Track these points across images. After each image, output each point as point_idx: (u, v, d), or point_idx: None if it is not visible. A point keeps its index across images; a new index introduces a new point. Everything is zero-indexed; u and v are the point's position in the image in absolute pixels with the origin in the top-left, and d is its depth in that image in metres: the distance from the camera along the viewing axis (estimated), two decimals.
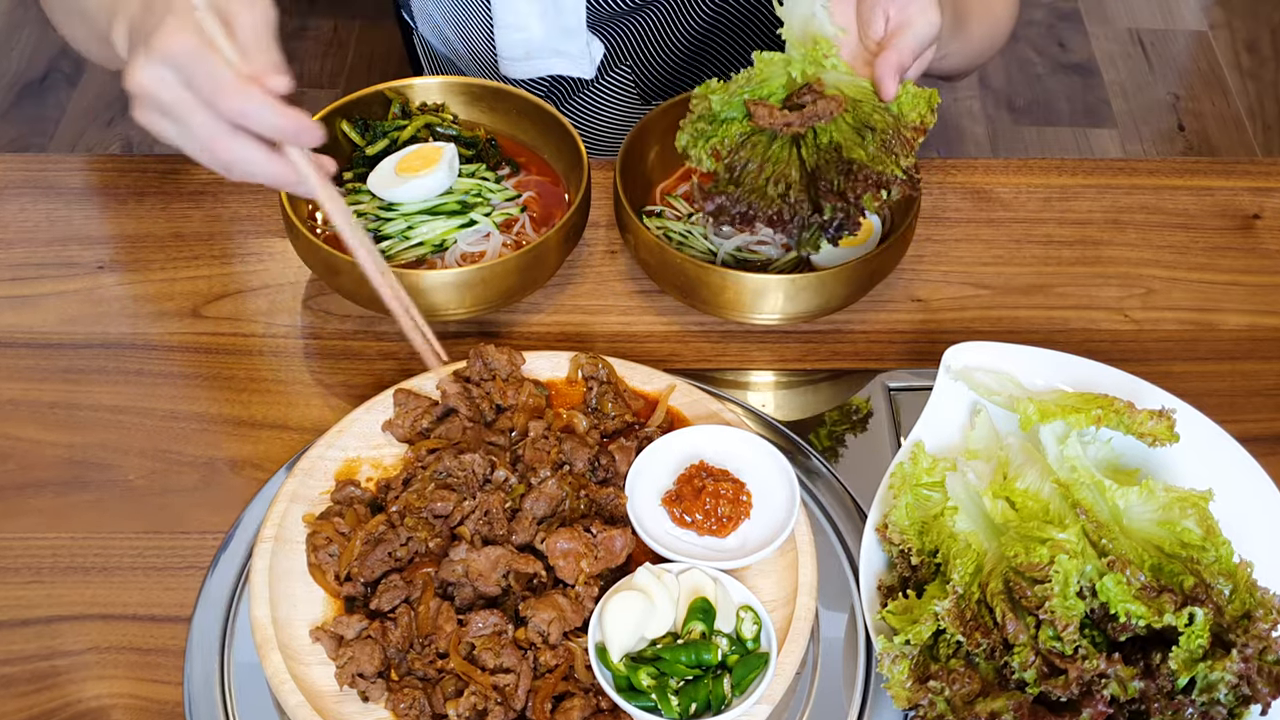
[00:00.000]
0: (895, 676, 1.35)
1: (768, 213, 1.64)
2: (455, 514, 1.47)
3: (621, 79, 2.25)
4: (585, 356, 1.62)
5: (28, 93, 4.40)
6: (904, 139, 1.65)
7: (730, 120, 1.70)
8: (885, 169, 1.62)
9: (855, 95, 1.68)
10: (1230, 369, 1.80)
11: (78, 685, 1.46)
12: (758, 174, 1.66)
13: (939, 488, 1.48)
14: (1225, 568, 1.36)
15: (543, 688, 1.36)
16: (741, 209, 1.64)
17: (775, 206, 1.63)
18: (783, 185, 1.64)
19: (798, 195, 1.63)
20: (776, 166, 1.66)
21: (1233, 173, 2.08)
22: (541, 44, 2.15)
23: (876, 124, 1.66)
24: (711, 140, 1.69)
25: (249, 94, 1.37)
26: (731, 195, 1.65)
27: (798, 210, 1.62)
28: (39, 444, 1.67)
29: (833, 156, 1.64)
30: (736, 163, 1.67)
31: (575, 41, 2.14)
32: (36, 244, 1.91)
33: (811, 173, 1.64)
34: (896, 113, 1.66)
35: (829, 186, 1.62)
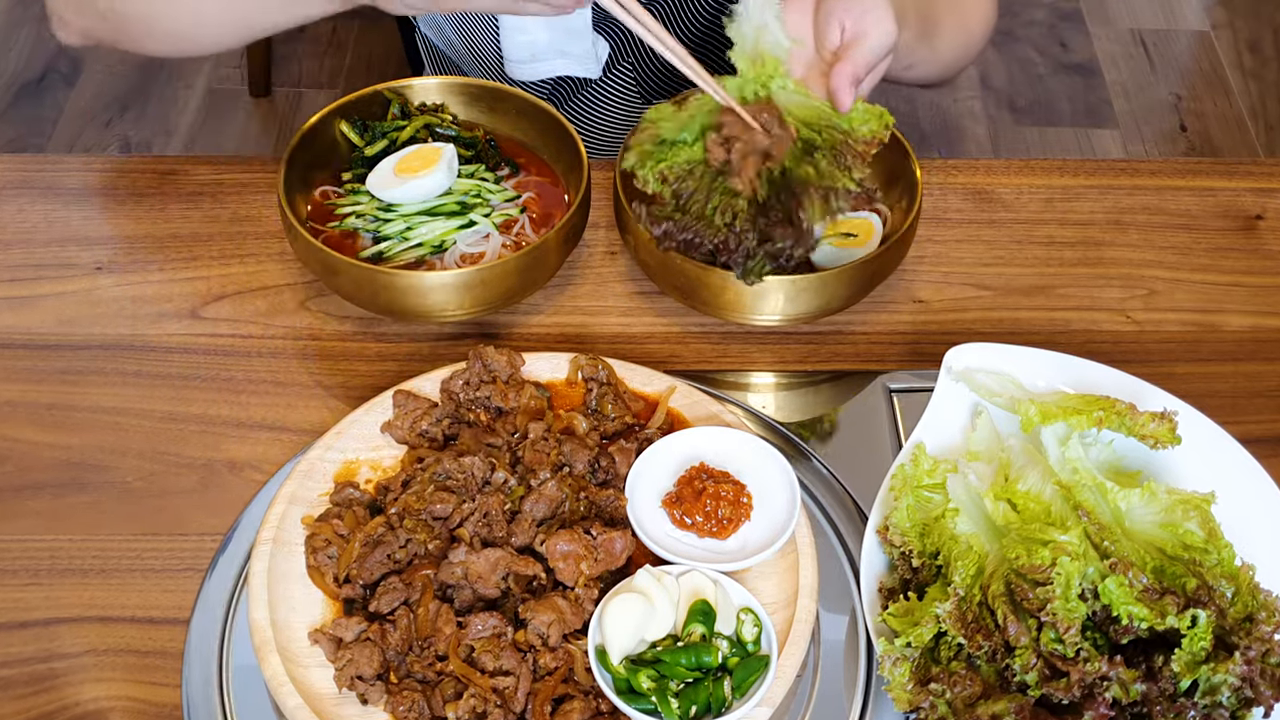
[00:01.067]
0: (896, 679, 1.34)
1: (713, 241, 1.65)
2: (455, 516, 1.47)
3: (623, 78, 2.25)
4: (585, 358, 1.62)
5: (25, 93, 4.40)
6: (856, 152, 1.64)
7: (679, 144, 1.70)
8: (836, 183, 1.63)
9: (804, 115, 1.68)
10: (1233, 370, 1.80)
11: (75, 688, 1.46)
12: (704, 203, 1.66)
13: (940, 489, 1.48)
14: (1227, 570, 1.36)
15: (542, 690, 1.35)
16: (688, 236, 1.66)
17: (721, 235, 1.64)
18: (729, 214, 1.65)
19: (743, 225, 1.64)
20: (723, 196, 1.66)
21: (1235, 173, 2.08)
22: (547, 45, 2.14)
23: (826, 141, 1.66)
24: (660, 164, 1.69)
25: None
26: (679, 222, 1.66)
27: (743, 240, 1.63)
28: (36, 445, 1.67)
29: (779, 182, 1.65)
30: (683, 190, 1.68)
31: (581, 42, 2.14)
32: (34, 245, 1.90)
33: (761, 203, 1.64)
34: (847, 128, 1.67)
35: (778, 216, 1.63)
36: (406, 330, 1.79)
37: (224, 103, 4.38)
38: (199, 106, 4.34)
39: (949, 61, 1.94)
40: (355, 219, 1.80)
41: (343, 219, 1.81)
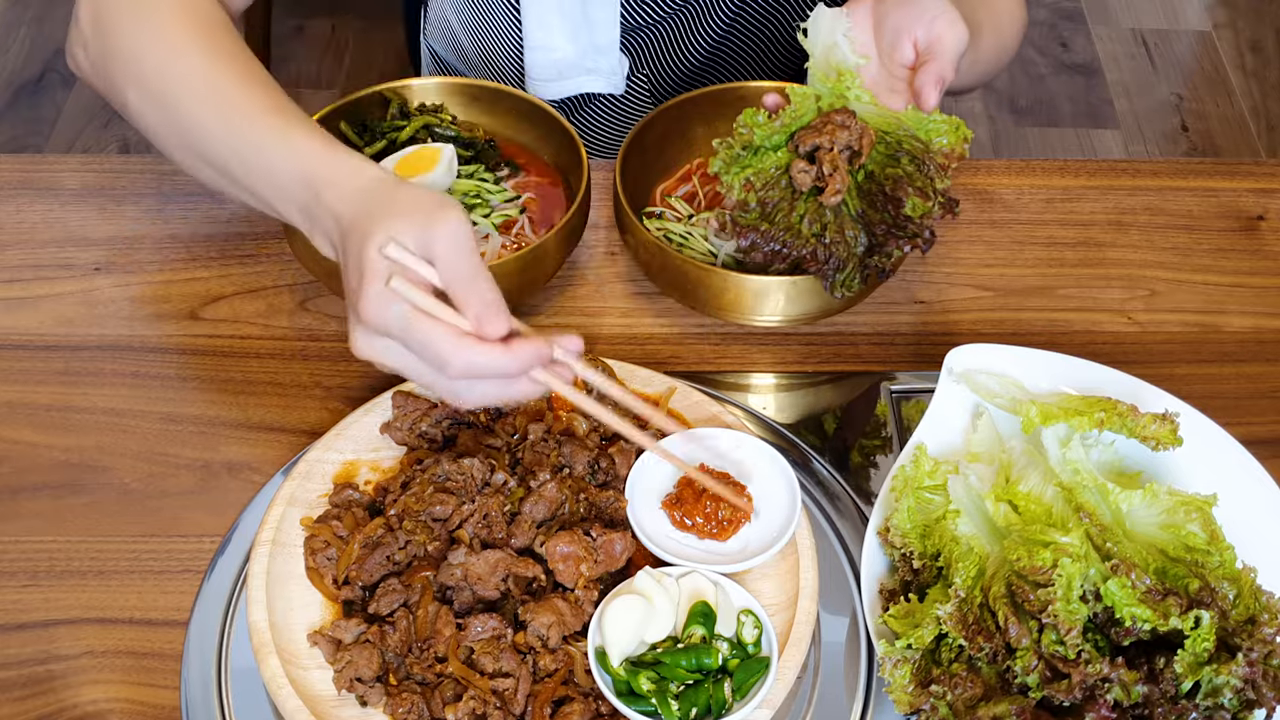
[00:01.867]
0: (897, 681, 1.34)
1: (802, 252, 1.64)
2: (454, 517, 1.47)
3: (637, 86, 2.24)
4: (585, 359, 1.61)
5: (24, 93, 4.40)
6: (937, 163, 1.64)
7: (767, 152, 1.70)
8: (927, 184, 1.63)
9: (882, 125, 1.68)
10: (1234, 371, 1.80)
11: (74, 690, 1.45)
12: (789, 211, 1.66)
13: (941, 491, 1.48)
14: (1229, 572, 1.35)
15: (542, 692, 1.35)
16: (775, 246, 1.65)
17: (810, 246, 1.63)
18: (818, 225, 1.64)
19: (833, 236, 1.63)
20: (809, 204, 1.66)
21: (1236, 174, 2.08)
22: (574, 63, 2.14)
23: (907, 148, 1.65)
24: (747, 170, 1.69)
25: (465, 355, 1.31)
26: (765, 232, 1.65)
27: (833, 251, 1.62)
28: (35, 447, 1.67)
29: (868, 188, 1.65)
30: (769, 199, 1.67)
31: (608, 58, 2.14)
32: (33, 245, 1.90)
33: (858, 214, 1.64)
34: (926, 139, 1.66)
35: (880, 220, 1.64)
36: None
37: None
38: None
39: (985, 67, 1.94)
40: None
41: None
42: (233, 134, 1.52)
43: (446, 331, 1.31)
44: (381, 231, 1.32)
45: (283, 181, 1.47)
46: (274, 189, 1.49)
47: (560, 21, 2.09)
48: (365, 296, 1.32)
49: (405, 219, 1.33)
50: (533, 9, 2.08)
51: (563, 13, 2.08)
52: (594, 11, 2.09)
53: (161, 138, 1.63)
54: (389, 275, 1.31)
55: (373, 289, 1.31)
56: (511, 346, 1.32)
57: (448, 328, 1.31)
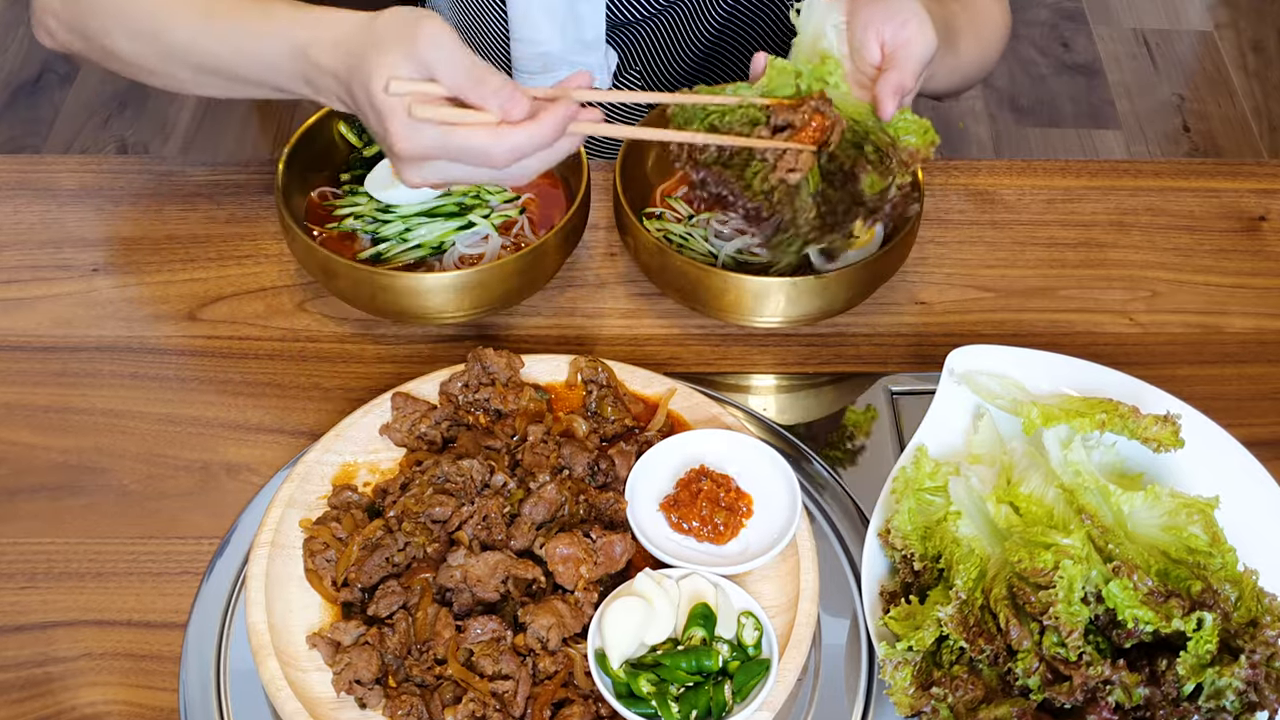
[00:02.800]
0: (898, 683, 1.34)
1: (747, 205, 1.61)
2: (453, 519, 1.47)
3: (630, 85, 2.24)
4: (585, 360, 1.62)
5: (22, 93, 4.40)
6: (900, 159, 1.63)
7: (738, 108, 1.68)
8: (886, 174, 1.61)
9: (854, 114, 1.66)
10: (1236, 373, 1.80)
11: (72, 692, 1.45)
12: (744, 165, 1.63)
13: (942, 492, 1.47)
14: (1231, 575, 1.35)
15: (542, 694, 1.35)
16: (722, 191, 1.61)
17: (756, 201, 1.61)
18: (769, 185, 1.62)
19: (780, 198, 1.61)
20: (765, 167, 1.64)
21: (1238, 174, 2.07)
22: (559, 57, 2.13)
23: (874, 140, 1.64)
24: (711, 116, 1.67)
25: (506, 143, 1.42)
26: (718, 174, 1.62)
27: (777, 211, 1.60)
28: (33, 448, 1.66)
29: (831, 168, 1.63)
30: (728, 147, 1.65)
31: (594, 54, 2.13)
32: (30, 246, 1.90)
33: (817, 193, 1.63)
34: (893, 135, 1.64)
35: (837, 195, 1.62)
36: (405, 332, 1.78)
37: (221, 104, 4.34)
38: (196, 107, 4.33)
39: (967, 72, 1.94)
40: (354, 220, 1.80)
41: (341, 220, 1.81)
42: (224, 35, 1.60)
43: (481, 131, 1.42)
44: (377, 72, 1.42)
45: (278, 61, 1.55)
46: (274, 71, 1.56)
47: (546, 16, 2.09)
48: (394, 134, 1.43)
49: (392, 52, 1.43)
50: (519, 2, 2.08)
51: (548, 8, 2.08)
52: (580, 7, 2.08)
53: (160, 68, 1.68)
54: (407, 107, 1.41)
55: (397, 125, 1.42)
56: (540, 118, 1.43)
57: (480, 127, 1.42)
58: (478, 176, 1.47)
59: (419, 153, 1.44)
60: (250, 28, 1.57)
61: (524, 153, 1.43)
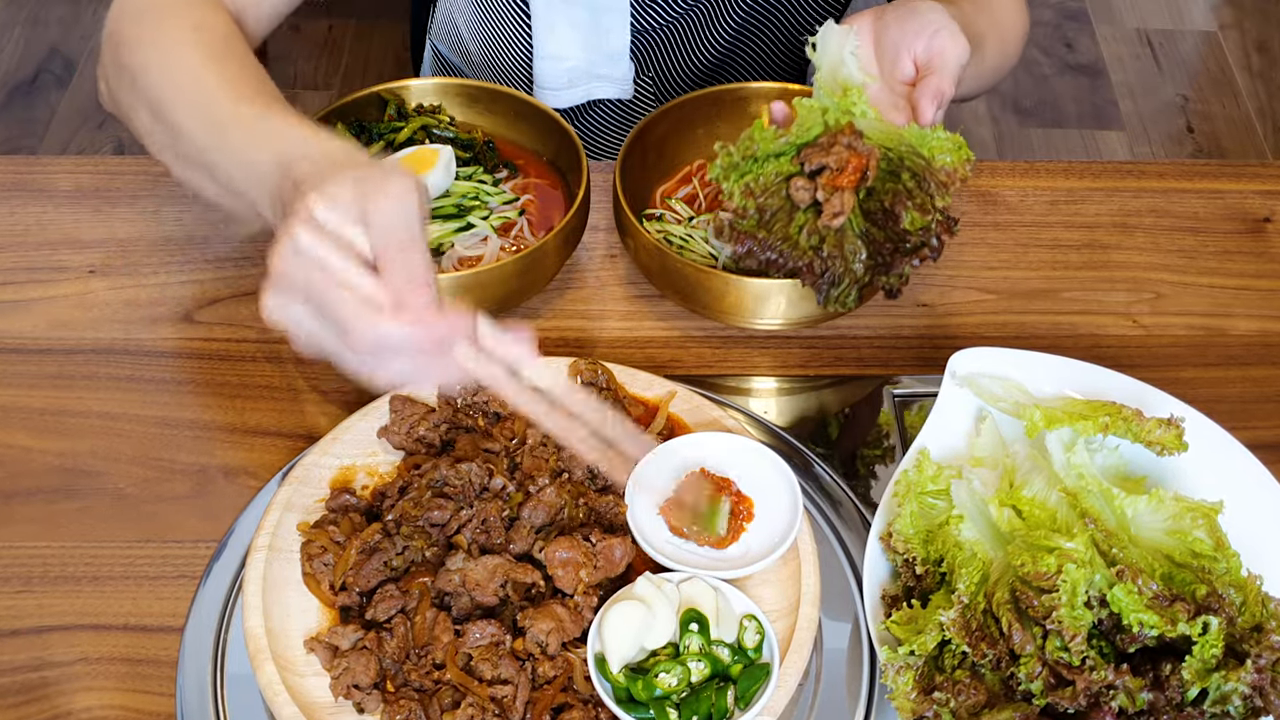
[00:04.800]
0: (900, 688, 1.34)
1: (798, 264, 1.62)
2: (452, 523, 1.46)
3: (643, 90, 2.23)
4: (584, 362, 1.61)
5: (18, 94, 4.40)
6: (939, 180, 1.63)
7: (769, 159, 1.69)
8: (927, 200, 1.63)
9: (885, 141, 1.66)
10: (1240, 375, 1.79)
11: (67, 697, 1.44)
12: (788, 222, 1.65)
13: (944, 496, 1.47)
14: (1235, 580, 1.35)
15: (541, 699, 1.34)
16: (771, 255, 1.64)
17: (806, 258, 1.62)
18: (816, 237, 1.63)
19: (831, 250, 1.62)
20: (809, 215, 1.64)
21: (1243, 175, 2.07)
22: (584, 71, 2.13)
23: (909, 165, 1.64)
24: (746, 176, 1.68)
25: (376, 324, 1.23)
26: (762, 240, 1.64)
27: (830, 265, 1.61)
28: (28, 451, 1.66)
29: (872, 205, 1.64)
30: (768, 206, 1.66)
31: (619, 65, 2.13)
32: (26, 248, 1.89)
33: (861, 232, 1.63)
34: (928, 156, 1.65)
35: (881, 237, 1.63)
36: None
37: None
38: None
39: (989, 76, 1.94)
40: None
41: None
42: (214, 128, 1.50)
43: (352, 299, 1.22)
44: (321, 188, 1.25)
45: (261, 169, 1.40)
46: (253, 178, 1.42)
47: (571, 31, 2.08)
48: (279, 250, 1.24)
49: (350, 178, 1.25)
50: (543, 18, 2.08)
51: (573, 22, 2.08)
52: (605, 19, 2.08)
53: (161, 150, 1.61)
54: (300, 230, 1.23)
55: (288, 242, 1.24)
56: (423, 318, 1.23)
57: (355, 295, 1.23)
58: (327, 346, 1.27)
59: (286, 281, 1.25)
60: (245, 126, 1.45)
61: (386, 345, 1.24)
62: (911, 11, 1.71)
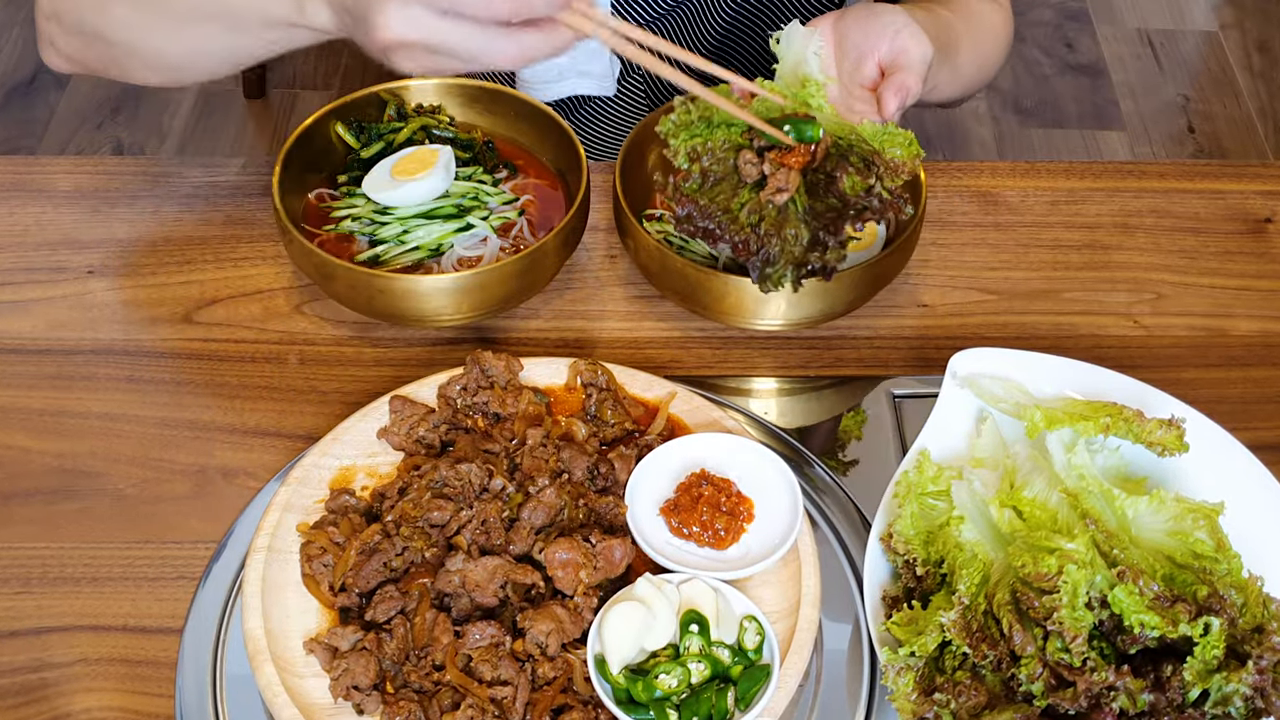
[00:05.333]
0: (900, 689, 1.33)
1: (735, 238, 1.62)
2: (452, 524, 1.46)
3: (633, 89, 2.23)
4: (584, 363, 1.61)
5: (16, 94, 4.40)
6: (887, 165, 1.62)
7: (721, 126, 1.68)
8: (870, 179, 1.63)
9: (837, 131, 1.66)
10: (1241, 376, 1.79)
11: (67, 698, 1.44)
12: (731, 194, 1.64)
13: (944, 497, 1.47)
14: (1236, 581, 1.35)
15: (541, 700, 1.34)
16: (709, 225, 1.63)
17: (743, 235, 1.61)
18: (756, 215, 1.62)
19: (769, 228, 1.61)
20: (751, 194, 1.64)
21: (1244, 175, 2.06)
22: (567, 66, 2.13)
23: (859, 152, 1.64)
24: (695, 139, 1.67)
25: None
26: (703, 208, 1.63)
27: (765, 244, 1.60)
28: (27, 452, 1.66)
29: (816, 178, 1.64)
30: (711, 172, 1.66)
31: (599, 61, 2.13)
32: (25, 248, 1.89)
33: (802, 211, 1.63)
34: (877, 147, 1.64)
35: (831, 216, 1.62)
36: (403, 335, 1.78)
37: (218, 104, 4.38)
38: (192, 108, 4.34)
39: (969, 81, 1.94)
40: (351, 222, 1.79)
41: (338, 222, 1.80)
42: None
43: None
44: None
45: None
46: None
47: None
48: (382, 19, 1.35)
49: None
50: None
51: None
52: None
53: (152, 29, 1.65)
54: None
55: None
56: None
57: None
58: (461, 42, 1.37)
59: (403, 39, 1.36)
60: None
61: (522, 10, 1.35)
62: (871, 13, 1.72)
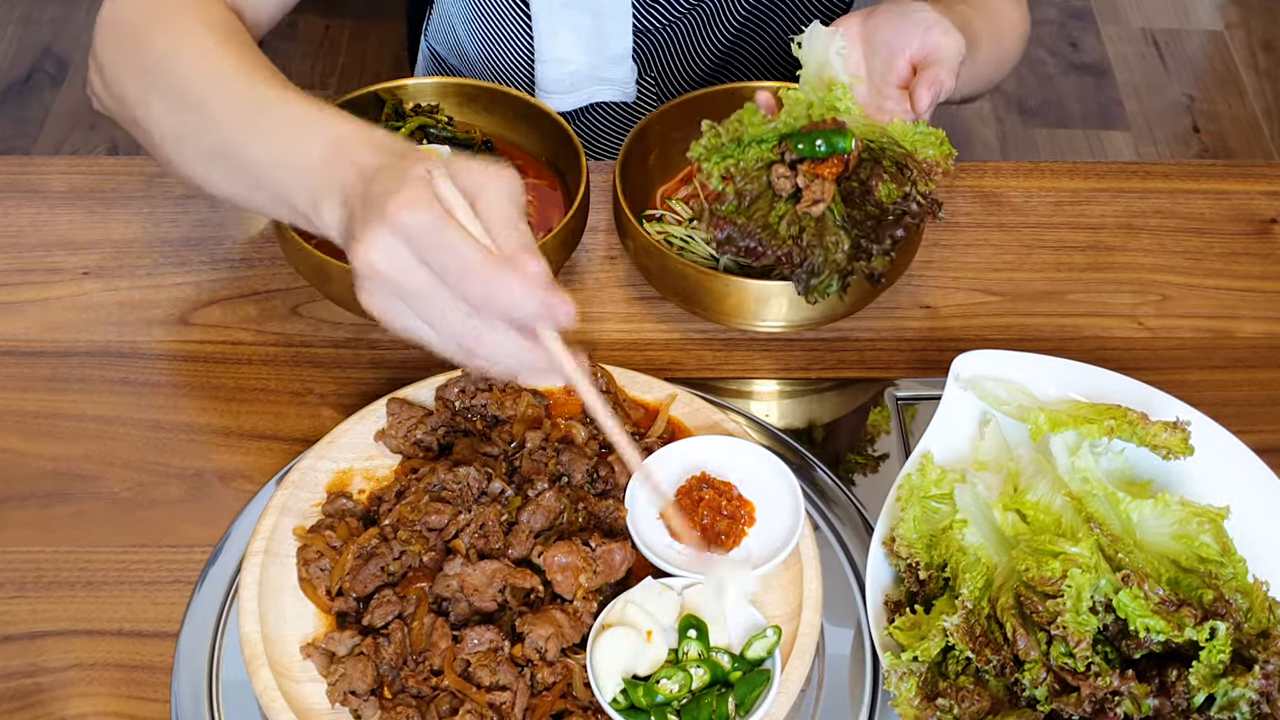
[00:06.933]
0: (903, 694, 1.33)
1: (777, 253, 1.62)
2: (450, 527, 1.45)
3: (645, 91, 2.23)
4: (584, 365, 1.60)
5: (11, 94, 4.40)
6: (921, 168, 1.63)
7: (751, 145, 1.68)
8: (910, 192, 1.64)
9: (867, 135, 1.66)
10: (1247, 378, 1.78)
11: (62, 703, 1.44)
12: (768, 210, 1.64)
13: (948, 500, 1.46)
14: (1241, 585, 1.35)
15: (540, 706, 1.34)
16: (750, 244, 1.64)
17: (786, 248, 1.62)
18: (796, 227, 1.62)
19: (810, 239, 1.61)
20: (788, 207, 1.65)
21: (1249, 176, 2.06)
22: (586, 74, 2.13)
23: (891, 155, 1.64)
24: (727, 160, 1.67)
25: (500, 275, 1.20)
26: (741, 226, 1.64)
27: (809, 255, 1.60)
28: (21, 455, 1.65)
29: (852, 187, 1.64)
30: (747, 192, 1.66)
31: (620, 68, 2.13)
32: (20, 249, 1.88)
33: (841, 220, 1.63)
34: (910, 149, 1.65)
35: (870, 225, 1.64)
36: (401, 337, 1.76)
37: None
38: None
39: (985, 76, 1.93)
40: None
41: None
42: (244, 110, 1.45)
43: (478, 246, 1.21)
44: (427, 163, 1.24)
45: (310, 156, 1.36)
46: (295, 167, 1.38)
47: (572, 36, 2.08)
48: (401, 194, 1.21)
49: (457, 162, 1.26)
50: (544, 22, 2.07)
51: (574, 27, 2.07)
52: (606, 24, 2.07)
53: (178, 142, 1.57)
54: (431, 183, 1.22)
55: (411, 189, 1.21)
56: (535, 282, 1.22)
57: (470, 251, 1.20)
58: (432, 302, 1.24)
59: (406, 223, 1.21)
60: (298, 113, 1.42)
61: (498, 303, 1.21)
62: (901, 13, 1.71)
